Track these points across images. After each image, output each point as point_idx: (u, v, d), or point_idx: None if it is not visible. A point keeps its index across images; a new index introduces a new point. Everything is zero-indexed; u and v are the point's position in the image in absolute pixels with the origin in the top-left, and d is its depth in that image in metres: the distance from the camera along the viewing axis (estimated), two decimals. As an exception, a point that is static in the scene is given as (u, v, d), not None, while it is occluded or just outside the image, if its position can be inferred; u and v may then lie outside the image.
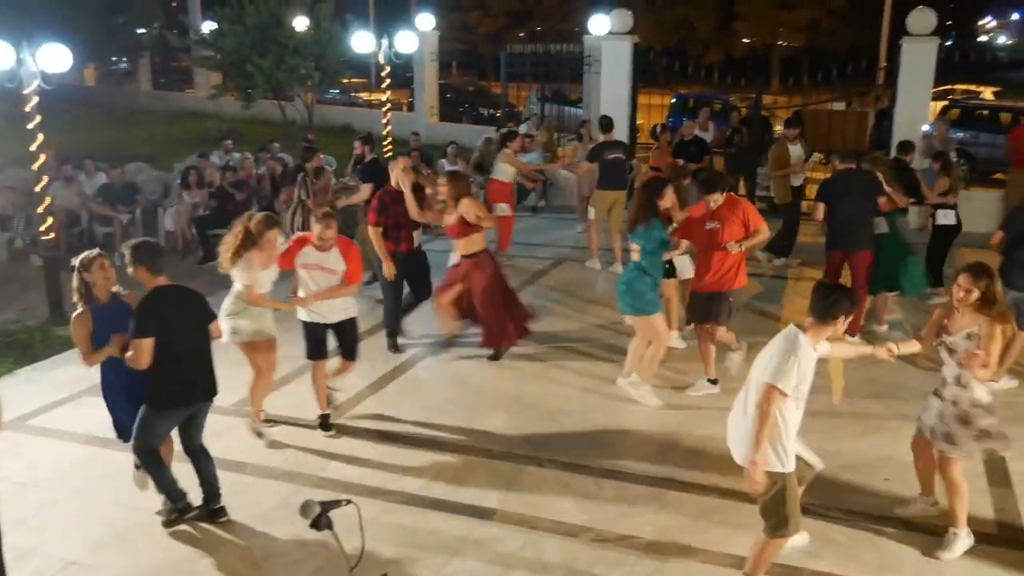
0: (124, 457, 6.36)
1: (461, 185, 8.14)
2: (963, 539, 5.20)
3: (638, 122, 16.62)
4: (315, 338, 6.84)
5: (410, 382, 7.92)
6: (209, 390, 5.60)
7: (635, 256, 7.21)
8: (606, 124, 11.90)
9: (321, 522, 3.44)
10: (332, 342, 6.95)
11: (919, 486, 5.69)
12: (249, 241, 6.49)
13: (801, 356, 4.49)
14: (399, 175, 8.20)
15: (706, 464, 6.33)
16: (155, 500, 5.65)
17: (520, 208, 14.81)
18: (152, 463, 5.49)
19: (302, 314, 6.80)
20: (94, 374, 5.68)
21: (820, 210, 8.72)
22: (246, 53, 20.01)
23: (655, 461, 6.41)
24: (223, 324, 6.32)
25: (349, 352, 7.06)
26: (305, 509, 3.46)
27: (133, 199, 12.50)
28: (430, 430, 6.90)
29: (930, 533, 5.38)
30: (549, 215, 14.80)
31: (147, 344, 5.18)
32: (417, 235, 8.52)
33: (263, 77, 19.78)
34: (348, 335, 6.98)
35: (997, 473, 6.20)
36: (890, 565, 5.18)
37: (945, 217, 9.92)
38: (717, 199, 7.21)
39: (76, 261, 5.52)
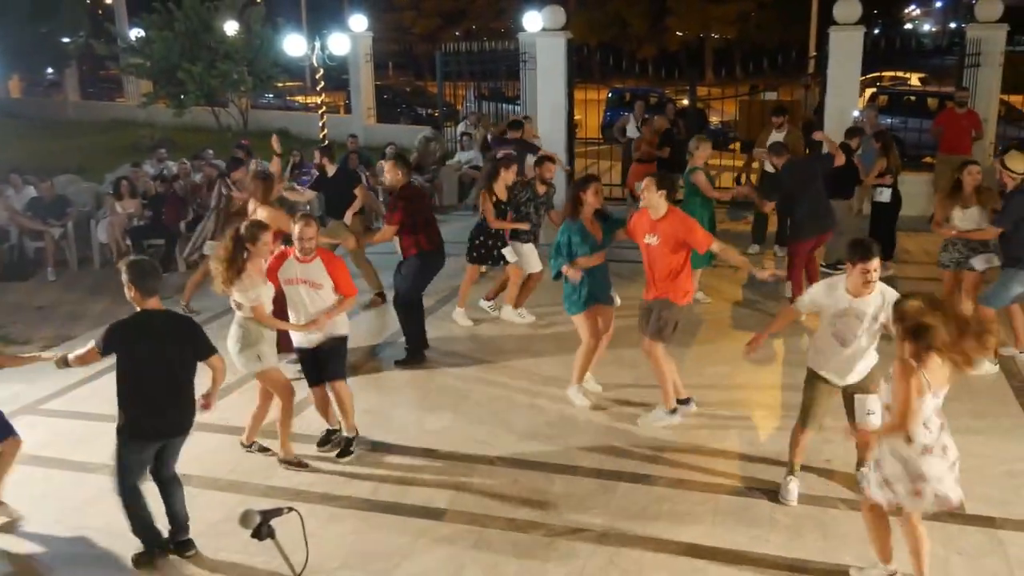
0: (65, 476, 6.23)
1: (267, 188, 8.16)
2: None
3: (576, 117, 16.71)
4: (308, 364, 6.49)
5: (354, 387, 7.80)
6: (180, 426, 5.21)
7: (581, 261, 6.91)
8: (514, 124, 12.34)
9: (263, 531, 3.38)
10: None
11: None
12: (243, 250, 6.06)
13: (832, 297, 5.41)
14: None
15: (654, 455, 6.39)
16: (97, 518, 5.52)
17: (463, 207, 14.81)
18: (130, 502, 5.14)
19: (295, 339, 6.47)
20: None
21: (770, 206, 9.01)
22: (176, 60, 19.67)
23: (604, 454, 6.43)
24: (239, 356, 6.13)
25: (333, 373, 6.44)
26: (245, 519, 3.40)
27: (64, 212, 12.18)
28: (377, 434, 6.82)
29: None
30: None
31: (94, 357, 5.12)
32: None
33: (194, 83, 19.47)
34: (327, 354, 6.42)
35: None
36: (834, 546, 5.26)
37: (881, 195, 10.23)
38: (659, 207, 6.57)
39: None
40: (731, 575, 5.04)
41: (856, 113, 14.31)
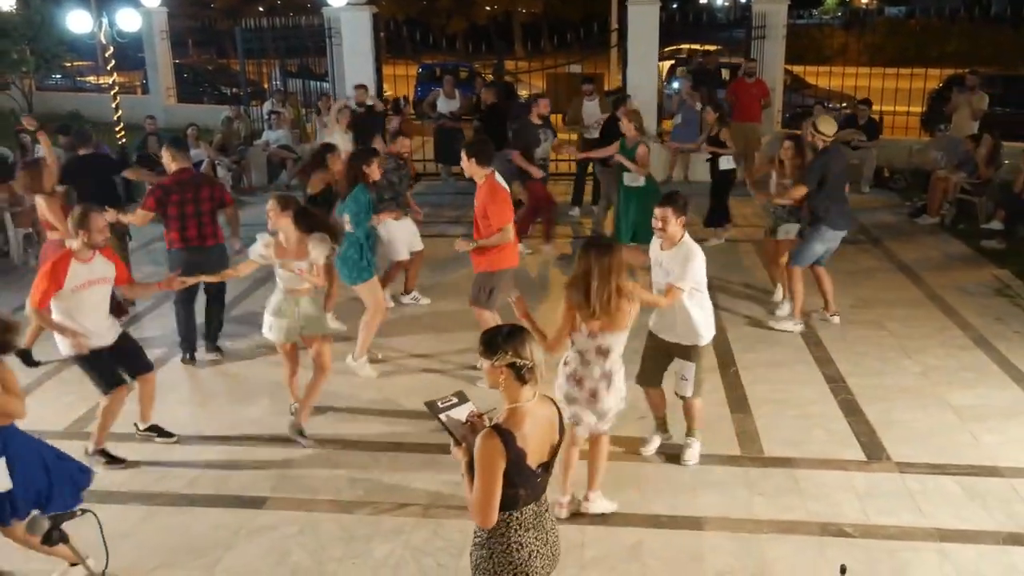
0: None
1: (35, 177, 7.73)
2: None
3: (387, 93, 16.54)
4: (105, 366, 5.89)
5: (165, 379, 7.48)
6: None
7: (347, 227, 7.13)
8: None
9: (53, 536, 3.19)
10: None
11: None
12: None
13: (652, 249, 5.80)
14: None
15: (476, 424, 6.46)
16: None
17: (272, 188, 14.39)
18: None
19: (67, 349, 5.75)
20: None
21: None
22: (-56, 37, 18.03)
23: (427, 429, 6.43)
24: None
25: (144, 365, 6.20)
26: (32, 525, 3.20)
27: None
28: (192, 425, 6.58)
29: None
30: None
31: None
32: None
33: (-33, 63, 17.91)
34: (130, 347, 6.12)
35: (736, 399, 6.78)
36: (651, 497, 5.54)
37: (728, 163, 10.68)
38: (475, 175, 6.90)
39: None
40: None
41: (676, 84, 14.91)
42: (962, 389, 6.97)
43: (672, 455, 5.95)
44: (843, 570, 3.21)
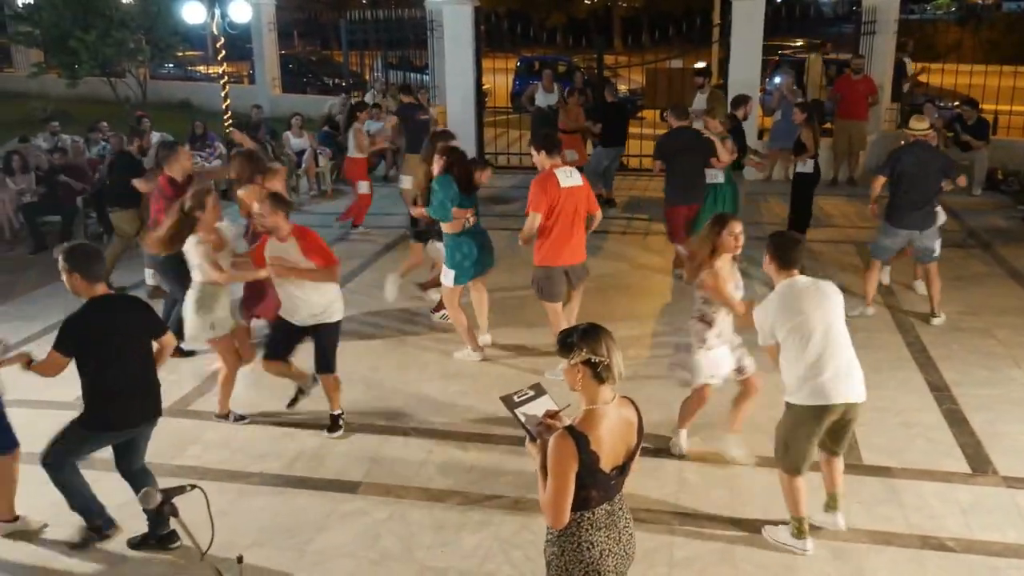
0: None
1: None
2: None
3: (485, 86, 16.63)
4: (279, 336, 6.34)
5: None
6: (152, 411, 5.01)
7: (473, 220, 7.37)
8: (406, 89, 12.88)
9: (165, 510, 3.31)
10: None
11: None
12: (188, 222, 6.05)
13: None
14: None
15: (566, 419, 6.45)
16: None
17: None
18: (69, 478, 4.94)
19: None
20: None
21: (659, 166, 9.46)
22: (68, 27, 18.77)
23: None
24: (196, 321, 6.15)
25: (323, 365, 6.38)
26: (146, 498, 3.31)
27: (-50, 190, 11.62)
28: (288, 408, 6.74)
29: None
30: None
31: (61, 361, 4.67)
32: None
33: (88, 53, 18.62)
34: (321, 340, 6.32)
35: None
36: (743, 501, 5.44)
37: (804, 166, 10.41)
38: (543, 162, 6.94)
39: None
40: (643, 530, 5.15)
41: (777, 80, 14.57)
42: (1077, 404, 6.65)
43: (766, 459, 5.82)
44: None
